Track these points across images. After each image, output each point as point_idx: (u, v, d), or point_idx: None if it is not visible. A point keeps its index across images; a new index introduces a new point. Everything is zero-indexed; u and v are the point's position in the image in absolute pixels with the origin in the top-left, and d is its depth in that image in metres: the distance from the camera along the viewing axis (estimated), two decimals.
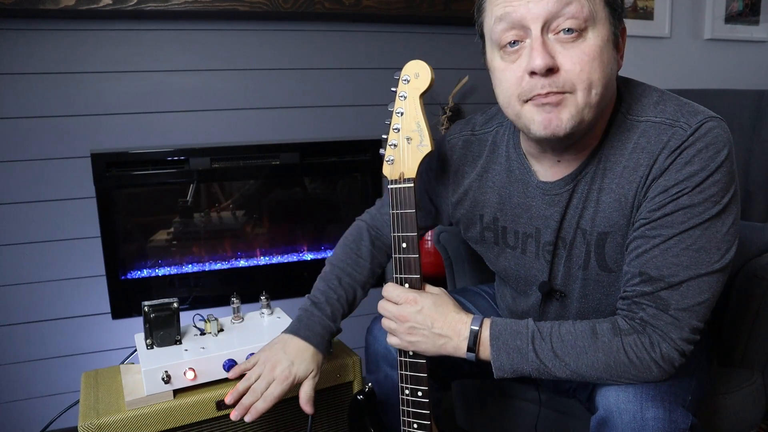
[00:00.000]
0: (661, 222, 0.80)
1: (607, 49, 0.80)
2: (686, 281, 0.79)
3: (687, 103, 0.84)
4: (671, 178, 0.79)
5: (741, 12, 2.45)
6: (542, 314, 1.02)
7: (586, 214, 0.89)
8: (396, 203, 0.93)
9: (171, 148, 1.82)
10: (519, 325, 0.87)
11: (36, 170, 1.71)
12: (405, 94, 0.90)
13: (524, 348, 0.84)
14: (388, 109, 0.93)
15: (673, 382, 0.85)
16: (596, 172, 0.87)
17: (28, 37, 1.65)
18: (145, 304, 1.18)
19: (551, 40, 0.78)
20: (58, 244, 1.76)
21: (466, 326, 0.89)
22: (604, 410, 0.83)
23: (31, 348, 1.77)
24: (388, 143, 0.93)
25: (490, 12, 0.83)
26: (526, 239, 0.98)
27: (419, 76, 0.89)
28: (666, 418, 0.79)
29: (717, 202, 0.79)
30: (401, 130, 0.91)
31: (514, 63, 0.81)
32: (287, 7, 1.77)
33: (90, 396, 1.15)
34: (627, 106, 0.86)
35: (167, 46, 1.78)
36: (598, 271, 0.92)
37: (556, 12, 0.76)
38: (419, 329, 0.90)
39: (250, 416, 0.97)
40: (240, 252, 2.01)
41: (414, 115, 0.90)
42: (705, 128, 0.79)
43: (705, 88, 1.66)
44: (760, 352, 1.18)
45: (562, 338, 0.84)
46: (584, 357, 0.82)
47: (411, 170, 0.91)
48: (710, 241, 0.79)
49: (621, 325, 0.83)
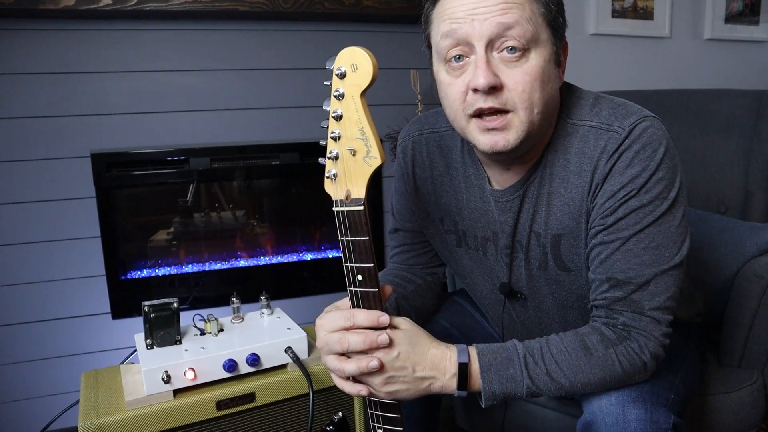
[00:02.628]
0: (616, 226, 0.82)
1: (548, 68, 0.81)
2: (653, 279, 0.82)
3: (621, 104, 0.86)
4: (616, 183, 0.82)
5: (741, 12, 2.45)
6: (506, 313, 1.04)
7: (538, 218, 0.91)
8: (345, 229, 0.77)
9: (171, 148, 1.82)
10: (508, 351, 0.83)
11: (36, 170, 1.71)
12: (342, 92, 0.72)
13: (518, 375, 0.81)
14: (323, 108, 0.74)
15: (655, 381, 0.86)
16: (543, 177, 0.89)
17: (28, 37, 1.65)
18: (145, 304, 1.18)
19: (495, 59, 0.79)
20: (58, 244, 1.76)
21: (451, 362, 0.81)
22: (589, 413, 0.85)
23: (31, 348, 1.77)
24: (327, 153, 0.75)
25: (436, 26, 0.83)
26: (486, 242, 0.99)
27: (358, 69, 0.70)
28: (647, 419, 0.80)
29: (665, 198, 0.81)
30: (342, 138, 0.73)
31: (459, 78, 0.82)
32: (287, 7, 1.77)
33: (90, 396, 1.15)
34: (567, 111, 0.88)
35: (167, 46, 1.78)
36: (558, 271, 0.93)
37: (499, 33, 0.78)
38: (399, 377, 0.80)
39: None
40: (240, 252, 2.01)
41: (356, 118, 0.72)
42: (639, 129, 0.81)
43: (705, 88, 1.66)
44: (759, 352, 1.18)
45: (555, 359, 0.82)
46: (580, 376, 0.82)
47: (359, 189, 0.74)
48: (666, 237, 0.82)
49: (608, 335, 0.83)
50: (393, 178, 1.11)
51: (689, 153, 1.48)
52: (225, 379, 1.17)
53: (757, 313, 1.17)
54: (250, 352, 1.18)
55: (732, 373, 1.18)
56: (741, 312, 1.18)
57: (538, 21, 0.80)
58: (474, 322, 1.20)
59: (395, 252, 1.14)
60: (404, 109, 1.97)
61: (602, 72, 2.21)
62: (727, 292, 1.23)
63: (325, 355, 0.83)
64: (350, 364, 0.80)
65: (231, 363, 1.15)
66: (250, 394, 1.17)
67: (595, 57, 2.20)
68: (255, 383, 1.18)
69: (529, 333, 1.05)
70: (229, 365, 1.15)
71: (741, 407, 1.12)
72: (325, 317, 0.83)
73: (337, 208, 0.77)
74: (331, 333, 0.81)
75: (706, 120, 1.51)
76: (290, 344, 1.22)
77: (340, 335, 0.80)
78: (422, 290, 1.10)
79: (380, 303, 0.79)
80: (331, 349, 0.81)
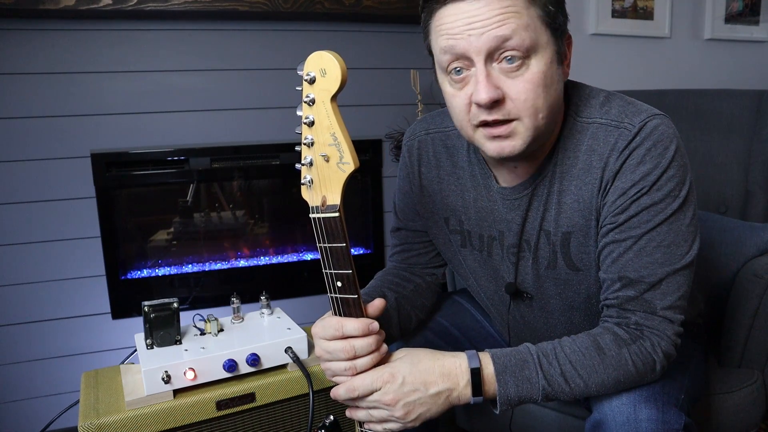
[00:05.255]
0: (628, 224, 0.82)
1: (551, 71, 0.80)
2: (665, 279, 0.81)
3: (631, 102, 0.86)
4: (627, 180, 0.81)
5: (741, 12, 2.45)
6: (511, 313, 1.04)
7: (548, 216, 0.90)
8: (323, 235, 0.77)
9: (171, 148, 1.82)
10: (522, 354, 0.82)
11: (36, 170, 1.71)
12: (312, 97, 0.72)
13: (533, 377, 0.80)
14: (296, 113, 0.75)
15: (666, 381, 0.85)
16: (554, 175, 0.89)
17: (28, 37, 1.65)
18: (145, 304, 1.18)
19: (495, 70, 0.79)
20: (58, 244, 1.76)
21: (462, 369, 0.80)
22: (599, 413, 0.84)
23: (31, 348, 1.77)
24: (302, 160, 0.75)
25: (435, 39, 0.83)
26: (491, 242, 0.99)
27: (326, 74, 0.71)
28: (659, 419, 0.79)
29: (676, 196, 0.81)
30: (315, 144, 0.73)
31: (461, 90, 0.82)
32: (287, 7, 1.77)
33: (90, 396, 1.15)
34: (576, 108, 0.88)
35: (167, 46, 1.78)
36: (567, 271, 0.92)
37: (497, 46, 0.77)
38: (415, 401, 0.79)
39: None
40: (240, 252, 2.01)
41: (327, 124, 0.71)
42: (649, 127, 0.81)
43: (705, 88, 1.66)
44: (759, 351, 1.18)
45: (569, 359, 0.81)
46: (595, 377, 0.81)
47: (334, 195, 0.74)
48: (677, 235, 0.81)
49: (621, 335, 0.82)
50: (393, 178, 1.11)
51: (689, 153, 1.47)
52: (225, 379, 1.17)
53: (757, 313, 1.17)
54: (250, 352, 1.18)
55: (732, 373, 1.18)
56: (741, 312, 1.18)
57: (537, 25, 0.78)
58: (474, 322, 1.20)
59: (395, 251, 1.14)
60: (404, 109, 1.97)
61: (602, 72, 2.20)
62: (727, 292, 1.23)
63: (324, 362, 0.85)
64: (359, 379, 0.80)
65: (231, 363, 1.15)
66: (250, 394, 1.17)
67: (595, 57, 2.20)
68: (255, 383, 1.18)
69: (534, 334, 1.04)
70: (229, 365, 1.15)
71: (741, 407, 1.12)
72: (318, 325, 0.84)
73: (313, 215, 0.77)
74: (326, 341, 0.82)
75: (706, 120, 1.51)
76: (290, 344, 1.22)
77: (343, 344, 0.81)
78: (421, 289, 1.10)
79: (360, 309, 0.80)
80: (334, 357, 0.82)
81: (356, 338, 0.80)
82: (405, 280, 1.08)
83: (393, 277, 1.08)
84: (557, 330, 1.01)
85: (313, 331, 0.85)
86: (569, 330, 0.99)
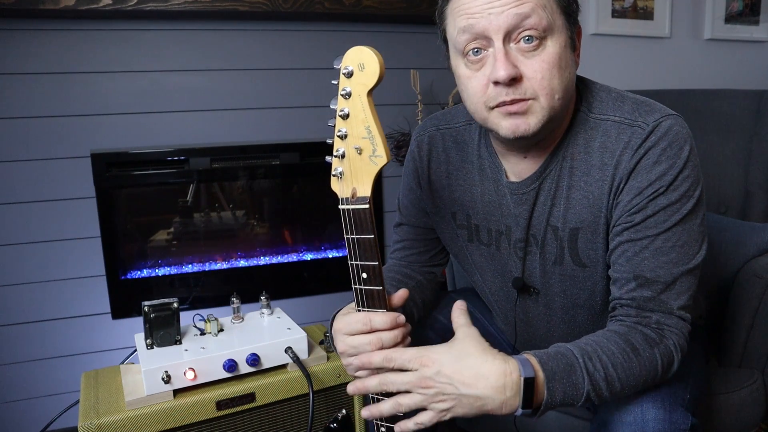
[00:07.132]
0: (645, 224, 0.82)
1: (565, 54, 0.82)
2: (678, 278, 0.81)
3: (644, 101, 0.86)
4: (643, 180, 0.81)
5: (741, 12, 2.44)
6: (518, 308, 1.03)
7: (556, 212, 0.90)
8: (351, 227, 0.77)
9: (171, 148, 1.82)
10: (567, 357, 0.77)
11: (36, 170, 1.71)
12: (348, 91, 0.73)
13: (580, 382, 0.75)
14: (330, 107, 0.76)
15: (672, 382, 0.85)
16: (562, 169, 0.89)
17: (28, 37, 1.65)
18: (145, 304, 1.18)
19: (513, 50, 0.80)
20: (58, 244, 1.76)
21: (512, 378, 0.73)
22: (605, 413, 0.84)
23: (31, 348, 1.77)
24: (334, 151, 0.76)
25: (452, 21, 0.84)
26: (499, 236, 0.99)
27: (365, 68, 0.72)
28: (666, 419, 0.79)
29: (691, 197, 0.81)
30: (348, 137, 0.74)
31: (479, 71, 0.82)
32: (287, 7, 1.78)
33: (90, 396, 1.15)
34: (588, 104, 0.88)
35: (167, 46, 1.78)
36: (573, 267, 0.92)
37: (516, 24, 0.78)
38: (447, 394, 0.74)
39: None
40: (240, 252, 2.01)
41: (362, 117, 0.73)
42: (664, 127, 0.81)
43: (705, 88, 1.66)
44: (760, 352, 1.18)
45: (611, 362, 0.77)
46: (631, 379, 0.78)
47: (365, 187, 0.75)
48: (690, 235, 0.82)
49: (650, 334, 0.81)
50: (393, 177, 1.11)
51: None
52: (225, 379, 1.17)
53: (757, 313, 1.17)
54: (250, 352, 1.18)
55: (732, 373, 1.18)
56: (741, 312, 1.18)
57: (553, 8, 0.80)
58: (474, 320, 1.20)
59: (396, 247, 1.14)
60: (404, 109, 1.97)
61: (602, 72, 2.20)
62: (727, 292, 1.23)
63: (347, 358, 0.83)
64: (376, 355, 0.78)
65: (231, 363, 1.15)
66: (250, 394, 1.17)
67: (595, 57, 2.20)
68: (255, 383, 1.18)
69: (535, 332, 1.04)
70: (229, 365, 1.15)
71: (741, 407, 1.12)
72: (341, 321, 0.83)
73: (342, 206, 0.77)
74: (351, 336, 0.81)
75: (706, 120, 1.51)
76: (290, 344, 1.22)
77: (370, 337, 0.79)
78: (422, 286, 1.10)
79: (384, 301, 0.79)
80: (360, 351, 0.80)
81: (384, 331, 0.80)
82: (407, 277, 1.09)
83: (395, 273, 1.09)
84: (557, 327, 1.00)
85: (336, 328, 0.84)
86: (570, 329, 0.99)
